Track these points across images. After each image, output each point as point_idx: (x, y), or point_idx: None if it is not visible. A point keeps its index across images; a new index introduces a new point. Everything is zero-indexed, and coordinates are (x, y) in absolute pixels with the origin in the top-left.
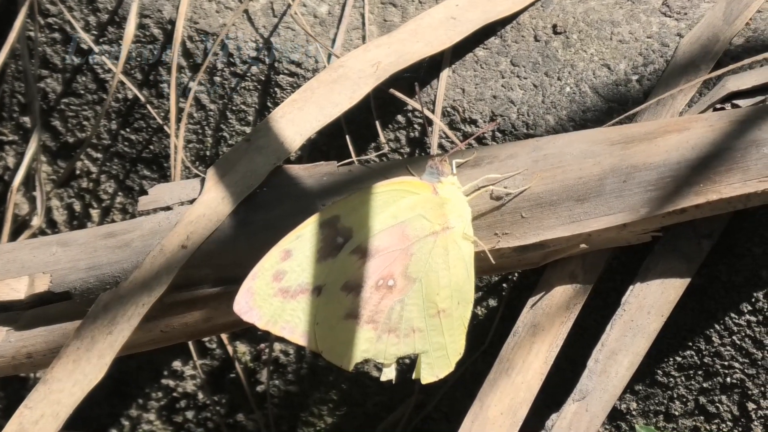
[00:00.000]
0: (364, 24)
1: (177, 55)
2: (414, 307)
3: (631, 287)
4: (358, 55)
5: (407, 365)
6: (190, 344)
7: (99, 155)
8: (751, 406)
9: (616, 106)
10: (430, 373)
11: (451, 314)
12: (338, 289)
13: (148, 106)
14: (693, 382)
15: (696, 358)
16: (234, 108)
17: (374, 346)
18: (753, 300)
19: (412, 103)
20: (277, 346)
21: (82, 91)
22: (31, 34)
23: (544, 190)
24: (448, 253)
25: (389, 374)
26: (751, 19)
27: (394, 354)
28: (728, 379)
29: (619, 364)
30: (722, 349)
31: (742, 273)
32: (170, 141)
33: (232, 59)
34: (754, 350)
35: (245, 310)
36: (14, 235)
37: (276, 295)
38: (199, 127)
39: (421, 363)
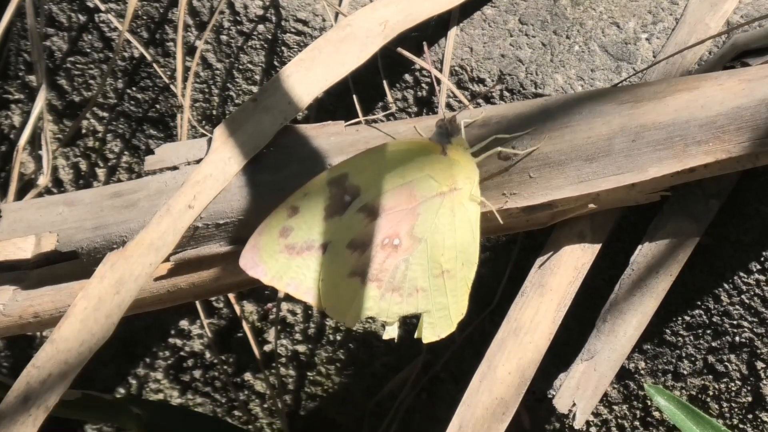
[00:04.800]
0: None
1: (183, 13)
2: (418, 267)
3: (639, 247)
4: (366, 14)
5: (414, 325)
6: (197, 304)
7: (105, 114)
8: (759, 365)
9: (625, 64)
10: (432, 332)
11: (455, 275)
12: (344, 246)
13: (155, 65)
14: (701, 342)
15: (704, 317)
16: (241, 67)
17: (377, 305)
18: (762, 259)
19: (420, 62)
20: (284, 305)
21: (88, 50)
22: None
23: (552, 150)
24: (455, 215)
25: (392, 333)
26: None
27: (396, 313)
28: (737, 339)
29: (627, 323)
30: (731, 308)
31: (750, 232)
32: (177, 100)
33: (238, 18)
34: (763, 309)
35: (251, 265)
36: (20, 194)
37: (282, 251)
38: (205, 86)
39: (424, 322)
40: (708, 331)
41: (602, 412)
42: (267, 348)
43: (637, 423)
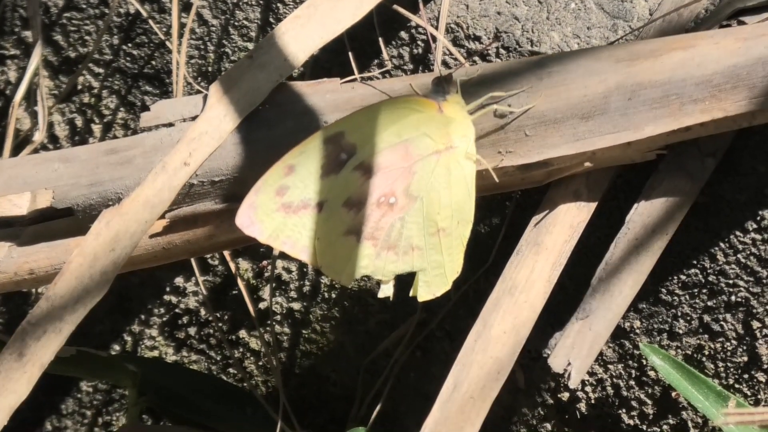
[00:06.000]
0: None
1: None
2: (414, 225)
3: (635, 205)
4: None
5: (409, 283)
6: (193, 261)
7: (101, 70)
8: (755, 324)
9: (621, 22)
10: (427, 291)
11: (451, 233)
12: (340, 205)
13: (150, 21)
14: (697, 301)
15: (700, 276)
16: (236, 23)
17: (373, 263)
18: (758, 218)
19: (416, 20)
20: (279, 263)
21: (84, 6)
22: None
23: (548, 108)
24: (451, 173)
25: (387, 291)
26: None
27: (392, 271)
28: (733, 298)
29: (622, 282)
30: (727, 267)
31: (746, 191)
32: (172, 57)
33: None
34: (759, 268)
35: (247, 224)
36: (16, 151)
37: (278, 209)
38: (201, 42)
39: (419, 281)
40: (704, 291)
41: (597, 371)
42: (262, 305)
43: (632, 382)
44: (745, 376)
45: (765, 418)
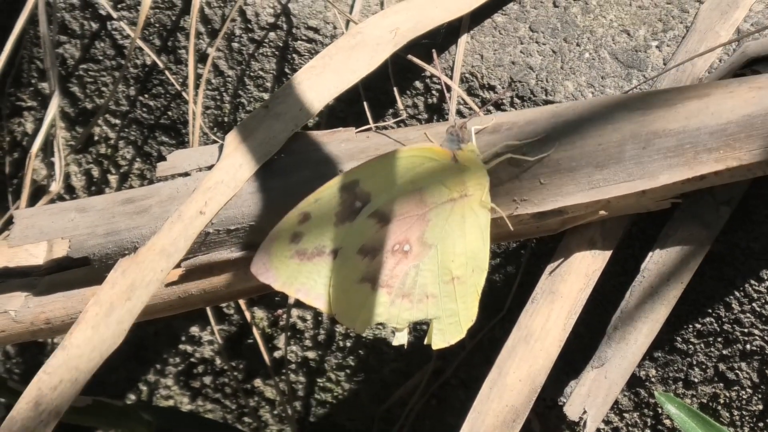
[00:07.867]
0: None
1: (195, 21)
2: (429, 273)
3: (650, 254)
4: (376, 22)
5: (424, 331)
6: (208, 310)
7: (117, 121)
8: None
9: (635, 72)
10: (442, 339)
11: (465, 281)
12: (354, 252)
13: (167, 72)
14: (712, 349)
15: (715, 325)
16: (252, 74)
17: (387, 311)
18: None
19: (431, 69)
20: (294, 312)
21: (101, 57)
22: None
23: (563, 156)
24: (465, 221)
25: (401, 339)
26: None
27: (406, 319)
28: (748, 346)
29: (638, 331)
30: (742, 316)
31: (761, 240)
32: (188, 107)
33: (250, 25)
34: None
35: (262, 271)
36: (33, 201)
37: (293, 256)
38: (217, 93)
39: (433, 328)
40: (719, 339)
41: (613, 419)
42: (277, 354)
43: (647, 431)
44: (761, 424)
45: None
